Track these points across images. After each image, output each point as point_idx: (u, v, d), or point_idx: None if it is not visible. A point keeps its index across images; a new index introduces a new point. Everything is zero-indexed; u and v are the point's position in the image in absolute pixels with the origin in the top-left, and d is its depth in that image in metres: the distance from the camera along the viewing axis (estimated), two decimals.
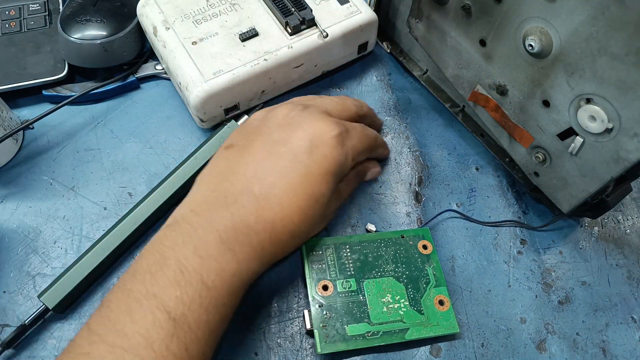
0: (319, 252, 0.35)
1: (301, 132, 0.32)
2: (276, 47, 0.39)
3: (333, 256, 0.35)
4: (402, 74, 0.46)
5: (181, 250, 0.27)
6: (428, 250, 0.36)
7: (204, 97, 0.37)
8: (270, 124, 0.33)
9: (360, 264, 0.35)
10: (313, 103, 0.35)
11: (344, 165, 0.33)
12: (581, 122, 0.30)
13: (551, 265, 0.37)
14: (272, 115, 0.34)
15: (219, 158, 0.33)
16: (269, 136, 0.32)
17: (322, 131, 0.32)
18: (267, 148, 0.32)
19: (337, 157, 0.32)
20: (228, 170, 0.31)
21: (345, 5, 0.42)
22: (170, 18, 0.41)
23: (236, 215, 0.29)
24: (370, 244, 0.36)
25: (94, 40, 0.40)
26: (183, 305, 0.26)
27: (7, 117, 0.39)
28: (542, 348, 0.34)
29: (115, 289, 0.27)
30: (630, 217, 0.40)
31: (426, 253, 0.35)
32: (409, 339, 0.32)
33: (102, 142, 0.41)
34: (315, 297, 0.33)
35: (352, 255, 0.35)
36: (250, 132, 0.33)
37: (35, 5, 0.45)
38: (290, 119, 0.33)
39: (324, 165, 0.31)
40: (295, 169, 0.31)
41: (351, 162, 0.34)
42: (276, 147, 0.32)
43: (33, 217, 0.37)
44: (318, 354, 0.31)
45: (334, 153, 0.32)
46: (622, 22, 0.25)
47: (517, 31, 0.32)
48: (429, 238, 0.36)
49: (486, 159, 0.41)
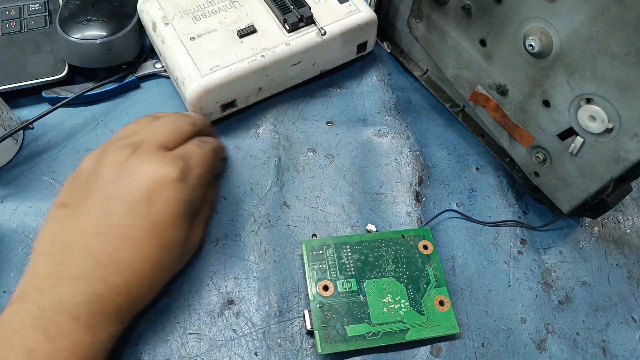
0: (319, 252, 0.35)
1: (136, 184, 0.29)
2: (274, 44, 0.39)
3: (333, 256, 0.35)
4: (402, 74, 0.46)
5: (30, 334, 0.25)
6: (428, 251, 0.36)
7: (200, 92, 0.37)
8: (101, 177, 0.30)
9: (361, 264, 0.35)
10: (144, 138, 0.31)
11: (192, 201, 0.31)
12: (581, 122, 0.30)
13: (551, 265, 0.37)
14: (102, 166, 0.30)
15: (53, 221, 0.30)
16: (102, 192, 0.29)
17: (158, 176, 0.29)
18: (102, 206, 0.29)
19: (182, 198, 0.30)
20: (66, 237, 0.28)
21: (344, 4, 0.42)
22: (170, 14, 0.41)
23: (86, 288, 0.27)
24: (371, 244, 0.36)
25: (96, 40, 0.40)
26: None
27: (7, 117, 0.39)
28: (542, 348, 0.34)
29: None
30: (630, 217, 0.40)
31: (427, 253, 0.35)
32: (409, 340, 0.32)
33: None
34: (315, 298, 0.33)
35: (352, 255, 0.35)
36: (82, 187, 0.30)
37: (35, 5, 0.45)
38: (122, 168, 0.30)
39: (169, 211, 0.29)
40: (137, 225, 0.28)
41: (200, 189, 0.32)
42: (112, 205, 0.29)
43: (33, 217, 0.37)
44: (318, 354, 0.31)
45: (177, 195, 0.30)
46: (622, 22, 0.25)
47: (517, 31, 0.32)
48: (429, 238, 0.36)
49: (486, 159, 0.41)
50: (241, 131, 0.42)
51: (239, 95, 0.40)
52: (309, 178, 0.40)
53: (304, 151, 0.41)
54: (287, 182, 0.40)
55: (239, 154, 0.41)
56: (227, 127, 0.42)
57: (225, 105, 0.40)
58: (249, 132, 0.42)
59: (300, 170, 0.40)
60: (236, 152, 0.41)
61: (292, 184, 0.40)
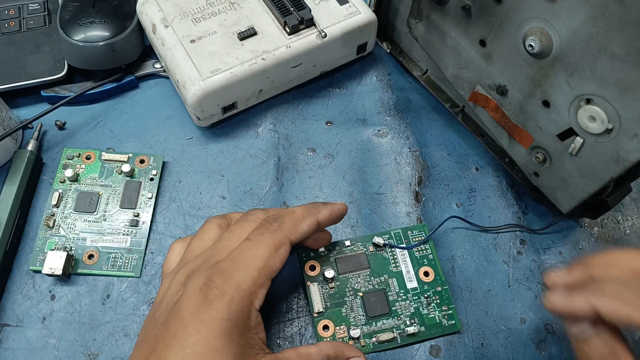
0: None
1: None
2: (274, 47, 0.39)
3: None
4: (402, 74, 0.46)
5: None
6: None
7: (201, 95, 0.37)
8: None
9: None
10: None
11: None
12: (581, 122, 0.30)
13: (551, 265, 0.37)
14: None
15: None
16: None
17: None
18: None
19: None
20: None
21: (344, 5, 0.42)
22: (170, 16, 0.41)
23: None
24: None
25: (101, 42, 0.40)
26: None
27: (6, 116, 0.39)
28: (542, 348, 0.34)
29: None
30: (629, 217, 0.40)
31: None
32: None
33: (102, 141, 0.41)
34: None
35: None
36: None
37: (34, 4, 0.45)
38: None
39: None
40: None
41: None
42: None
43: (32, 217, 0.37)
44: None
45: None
46: (622, 22, 0.25)
47: (517, 31, 0.32)
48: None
49: (486, 159, 0.41)
50: (241, 131, 0.42)
51: (240, 98, 0.40)
52: (308, 178, 0.40)
53: (304, 151, 0.41)
54: (287, 182, 0.40)
55: (238, 153, 0.41)
56: (226, 127, 0.42)
57: (225, 108, 0.40)
58: (249, 131, 0.42)
59: (300, 170, 0.40)
60: (236, 152, 0.41)
61: (292, 184, 0.39)
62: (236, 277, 0.26)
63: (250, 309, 0.27)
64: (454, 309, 0.34)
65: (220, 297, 0.26)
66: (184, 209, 0.38)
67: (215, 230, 0.30)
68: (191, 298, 0.26)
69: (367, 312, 0.33)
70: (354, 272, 0.34)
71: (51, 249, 0.35)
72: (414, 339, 0.33)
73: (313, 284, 0.34)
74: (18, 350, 0.32)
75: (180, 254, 0.31)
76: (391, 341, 0.32)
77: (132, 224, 0.37)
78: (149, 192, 0.38)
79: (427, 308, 0.34)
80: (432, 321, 0.33)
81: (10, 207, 0.35)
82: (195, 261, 0.28)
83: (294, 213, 0.30)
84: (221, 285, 0.26)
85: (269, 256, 0.28)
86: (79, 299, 0.34)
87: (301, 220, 0.30)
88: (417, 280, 0.35)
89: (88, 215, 0.37)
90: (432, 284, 0.34)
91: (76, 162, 0.39)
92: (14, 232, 0.35)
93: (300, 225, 0.30)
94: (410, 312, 0.33)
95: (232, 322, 0.25)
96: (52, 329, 0.33)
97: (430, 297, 0.34)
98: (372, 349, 0.32)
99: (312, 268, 0.34)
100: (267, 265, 0.27)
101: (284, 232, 0.29)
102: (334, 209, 0.32)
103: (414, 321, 0.33)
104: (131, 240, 0.36)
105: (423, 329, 0.33)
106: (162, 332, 0.26)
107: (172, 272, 0.29)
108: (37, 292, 0.34)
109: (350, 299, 0.33)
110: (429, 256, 0.35)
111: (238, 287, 0.26)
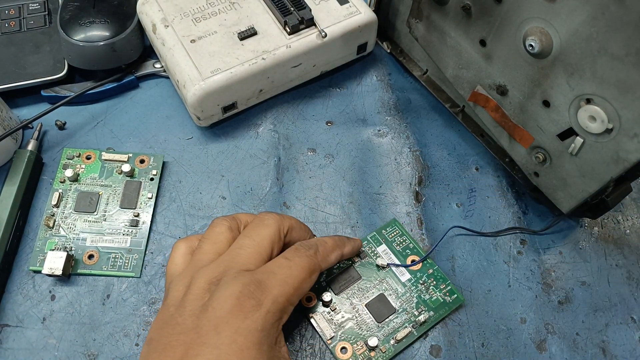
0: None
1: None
2: (274, 47, 0.39)
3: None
4: (402, 74, 0.46)
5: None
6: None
7: (201, 95, 0.37)
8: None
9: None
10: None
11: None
12: (581, 122, 0.30)
13: (551, 265, 0.37)
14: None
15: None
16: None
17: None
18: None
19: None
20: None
21: (344, 5, 0.42)
22: (170, 16, 0.41)
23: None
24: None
25: (101, 42, 0.40)
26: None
27: (6, 116, 0.39)
28: (542, 348, 0.34)
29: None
30: (630, 217, 0.40)
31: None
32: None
33: (102, 141, 0.41)
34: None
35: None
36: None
37: (34, 4, 0.45)
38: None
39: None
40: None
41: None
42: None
43: (32, 217, 0.37)
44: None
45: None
46: (622, 22, 0.25)
47: (517, 31, 0.32)
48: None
49: (486, 159, 0.41)
50: (241, 131, 0.42)
51: (240, 98, 0.40)
52: (308, 178, 0.40)
53: (304, 151, 0.41)
54: (287, 182, 0.40)
55: (238, 153, 0.41)
56: (226, 127, 0.42)
57: (226, 108, 0.40)
58: (249, 131, 0.42)
59: (300, 170, 0.40)
60: (236, 152, 0.41)
61: (292, 184, 0.39)
62: (273, 291, 0.27)
63: (279, 325, 0.27)
64: (451, 284, 0.35)
65: (257, 308, 0.26)
66: (184, 209, 0.38)
67: (227, 234, 0.30)
68: (225, 305, 0.26)
69: (375, 319, 0.33)
70: (349, 286, 0.34)
71: (51, 249, 0.35)
72: (428, 325, 0.33)
73: (315, 314, 0.33)
74: (18, 351, 0.32)
75: (184, 254, 0.31)
76: (408, 336, 0.33)
77: (132, 224, 0.37)
78: (149, 192, 0.38)
79: (427, 293, 0.34)
80: (436, 303, 0.34)
81: (10, 207, 0.35)
82: (216, 266, 0.28)
83: (326, 244, 0.31)
84: (259, 296, 0.26)
85: (304, 279, 0.28)
86: (79, 299, 0.34)
87: (331, 251, 0.31)
88: (408, 271, 0.35)
89: (88, 216, 0.37)
90: (423, 270, 0.35)
91: (76, 162, 0.39)
92: (14, 232, 0.35)
93: (330, 256, 0.31)
94: (415, 302, 0.34)
95: (264, 334, 0.26)
96: (52, 330, 0.33)
97: (426, 282, 0.35)
98: (395, 352, 0.32)
99: (309, 299, 0.34)
100: (301, 286, 0.28)
101: (318, 260, 0.30)
102: (355, 245, 0.34)
103: (422, 309, 0.34)
104: (131, 241, 0.36)
105: (432, 313, 0.33)
106: (193, 337, 0.25)
107: (184, 275, 0.29)
108: (37, 292, 0.34)
109: (355, 313, 0.33)
110: (409, 245, 0.36)
111: (274, 301, 0.27)
